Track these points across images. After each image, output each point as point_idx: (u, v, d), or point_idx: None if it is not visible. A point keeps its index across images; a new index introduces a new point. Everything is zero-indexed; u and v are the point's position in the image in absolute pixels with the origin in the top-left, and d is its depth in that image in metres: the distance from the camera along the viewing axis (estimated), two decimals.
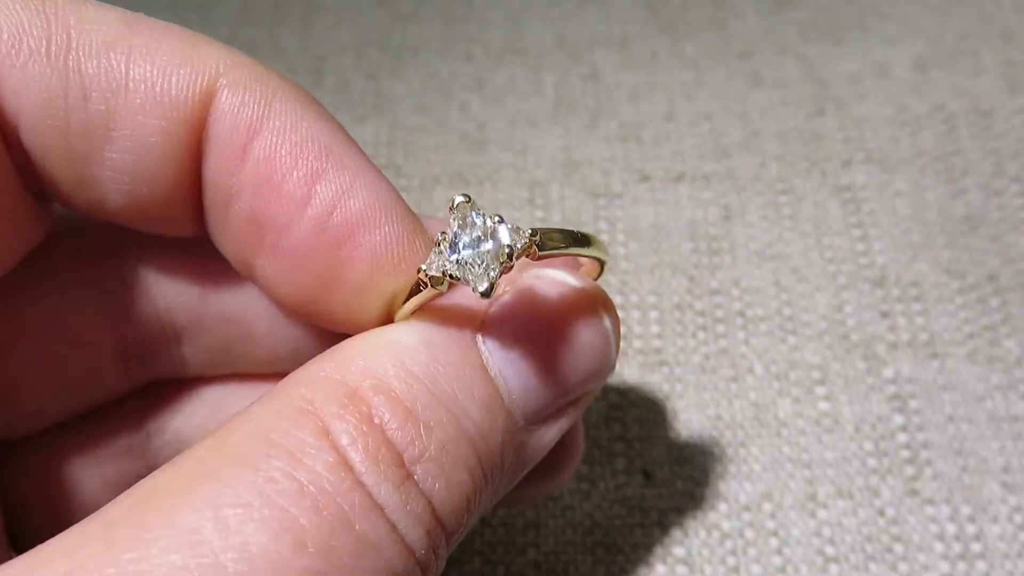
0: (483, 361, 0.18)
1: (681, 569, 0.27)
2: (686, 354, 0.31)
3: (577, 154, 0.36)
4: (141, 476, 0.22)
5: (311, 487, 0.15)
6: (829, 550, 0.27)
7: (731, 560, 0.27)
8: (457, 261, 0.16)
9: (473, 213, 0.16)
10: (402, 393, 0.16)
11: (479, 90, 0.38)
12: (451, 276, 0.16)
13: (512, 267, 0.16)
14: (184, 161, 0.17)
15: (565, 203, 0.35)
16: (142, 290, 0.21)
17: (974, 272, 0.32)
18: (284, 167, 0.17)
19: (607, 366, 0.20)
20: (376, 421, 0.16)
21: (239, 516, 0.14)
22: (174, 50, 0.17)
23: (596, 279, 0.20)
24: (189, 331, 0.21)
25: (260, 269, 0.19)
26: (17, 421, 0.20)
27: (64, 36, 0.16)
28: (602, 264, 0.20)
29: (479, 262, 0.16)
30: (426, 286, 0.17)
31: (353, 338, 0.18)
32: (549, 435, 0.19)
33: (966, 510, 0.28)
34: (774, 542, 0.27)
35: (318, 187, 0.17)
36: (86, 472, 0.22)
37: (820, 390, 0.30)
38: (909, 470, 0.28)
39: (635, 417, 0.30)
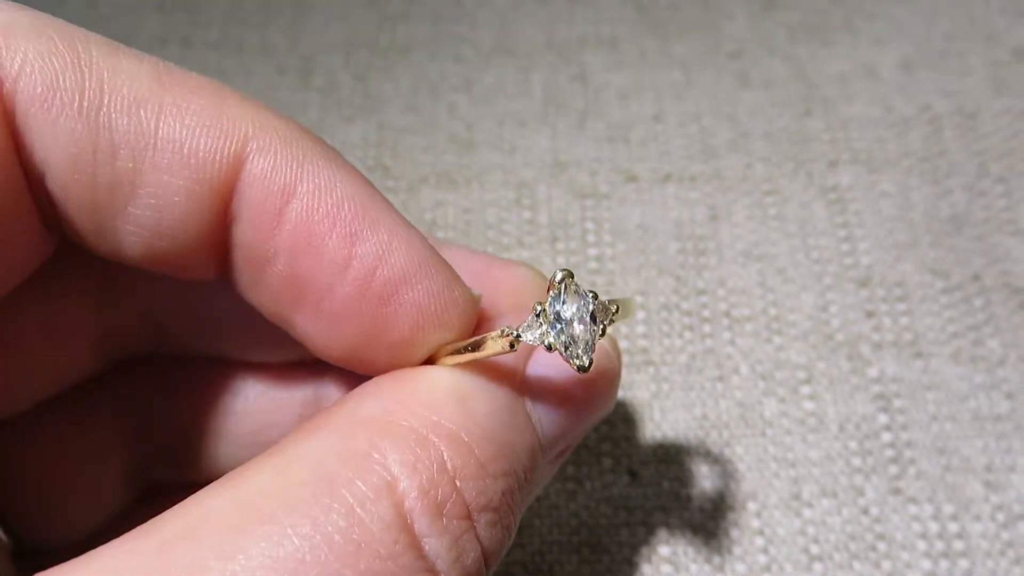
0: (527, 408, 0.19)
1: (667, 568, 0.27)
2: (672, 354, 0.31)
3: (565, 155, 0.36)
4: (125, 451, 0.22)
5: (366, 548, 0.15)
6: (814, 549, 0.27)
7: (716, 559, 0.27)
8: (558, 335, 0.17)
9: (574, 289, 0.18)
10: (473, 443, 0.17)
11: (468, 90, 0.39)
12: (548, 347, 0.17)
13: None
14: (208, 222, 0.17)
15: (552, 204, 0.35)
16: (123, 275, 0.21)
17: (958, 272, 0.33)
18: (322, 230, 0.17)
19: (612, 404, 0.21)
20: (449, 471, 0.16)
21: (293, 573, 0.14)
22: (204, 110, 0.17)
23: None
24: (167, 315, 0.21)
25: (300, 326, 0.19)
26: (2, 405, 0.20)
27: (97, 91, 0.16)
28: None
29: (583, 338, 0.17)
30: (486, 344, 0.18)
31: (409, 376, 0.18)
32: (555, 469, 0.21)
33: (949, 508, 0.28)
34: (759, 541, 0.28)
35: (358, 248, 0.17)
36: (70, 447, 0.22)
37: (805, 390, 0.30)
38: (893, 469, 0.29)
39: (621, 417, 0.30)
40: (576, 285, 0.18)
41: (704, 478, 0.29)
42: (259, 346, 0.22)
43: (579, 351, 0.17)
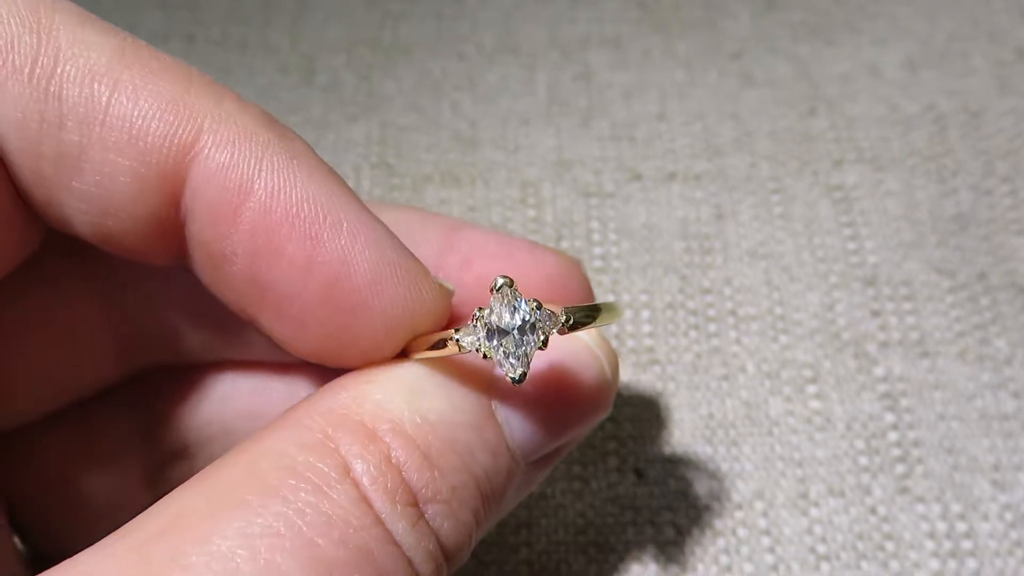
0: (492, 408, 0.19)
1: (673, 568, 0.27)
2: (678, 353, 0.31)
3: (569, 153, 0.36)
4: (145, 460, 0.22)
5: (338, 520, 0.15)
6: (821, 548, 0.27)
7: (723, 559, 0.27)
8: (494, 346, 0.17)
9: (513, 298, 0.17)
10: (418, 437, 0.17)
11: (471, 89, 0.38)
12: (485, 356, 0.17)
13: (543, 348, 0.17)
14: (157, 209, 0.17)
15: (557, 203, 0.35)
16: (137, 280, 0.20)
17: (964, 271, 0.32)
18: (281, 233, 0.17)
19: (604, 411, 0.21)
20: (394, 462, 0.17)
21: (270, 545, 0.15)
22: (161, 93, 0.16)
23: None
24: (184, 320, 0.21)
25: (264, 326, 0.19)
26: (12, 411, 0.20)
27: (51, 59, 0.16)
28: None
29: (514, 349, 0.17)
30: (448, 345, 0.18)
31: (370, 373, 0.18)
32: (542, 474, 0.21)
33: (956, 508, 0.28)
34: (766, 540, 0.27)
35: (319, 254, 0.17)
36: (89, 456, 0.22)
37: (811, 389, 0.30)
38: (900, 468, 0.28)
39: (627, 416, 0.30)
40: (515, 293, 0.17)
41: (710, 477, 0.29)
42: (272, 347, 0.22)
43: (513, 362, 0.17)
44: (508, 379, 0.17)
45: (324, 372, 0.23)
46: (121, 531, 0.15)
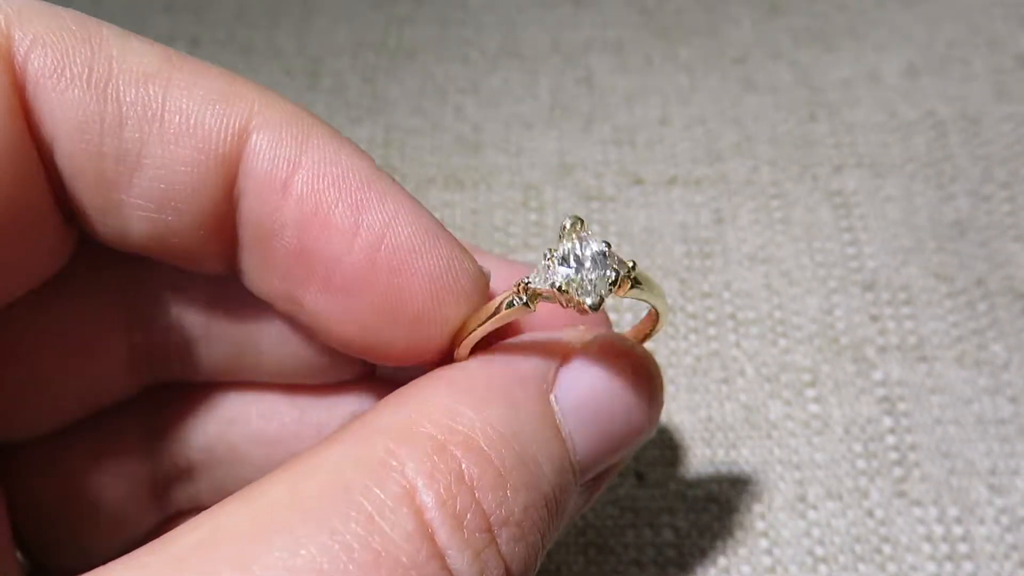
0: (557, 421, 0.18)
1: (672, 570, 0.27)
2: (678, 356, 0.31)
3: (571, 157, 0.36)
4: (150, 477, 0.22)
5: (387, 557, 0.14)
6: (819, 551, 0.27)
7: (722, 560, 0.27)
8: (567, 277, 0.16)
9: (586, 234, 0.17)
10: (492, 451, 0.16)
11: (474, 93, 0.39)
12: (560, 289, 0.17)
13: (611, 293, 0.17)
14: (214, 196, 0.18)
15: (559, 206, 0.35)
16: (155, 297, 0.21)
17: (962, 277, 0.33)
18: (329, 200, 0.17)
19: (652, 431, 0.20)
20: (468, 480, 0.15)
21: None
22: (211, 86, 0.17)
23: (647, 339, 0.21)
24: (199, 340, 0.21)
25: (311, 304, 0.18)
26: (25, 424, 0.20)
27: (106, 65, 0.17)
28: (654, 326, 0.21)
29: (588, 281, 0.17)
30: (511, 305, 0.17)
31: (427, 381, 0.18)
32: (589, 498, 0.20)
33: (953, 511, 0.28)
34: (764, 543, 0.28)
35: (364, 217, 0.17)
36: (96, 471, 0.22)
37: (810, 392, 0.30)
38: (897, 472, 0.29)
39: None
40: (588, 231, 0.17)
41: (710, 480, 0.29)
42: (294, 366, 0.22)
43: (588, 289, 0.16)
44: (583, 307, 0.16)
45: (359, 399, 0.23)
46: (156, 544, 0.15)
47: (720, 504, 0.28)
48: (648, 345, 0.31)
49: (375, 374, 0.23)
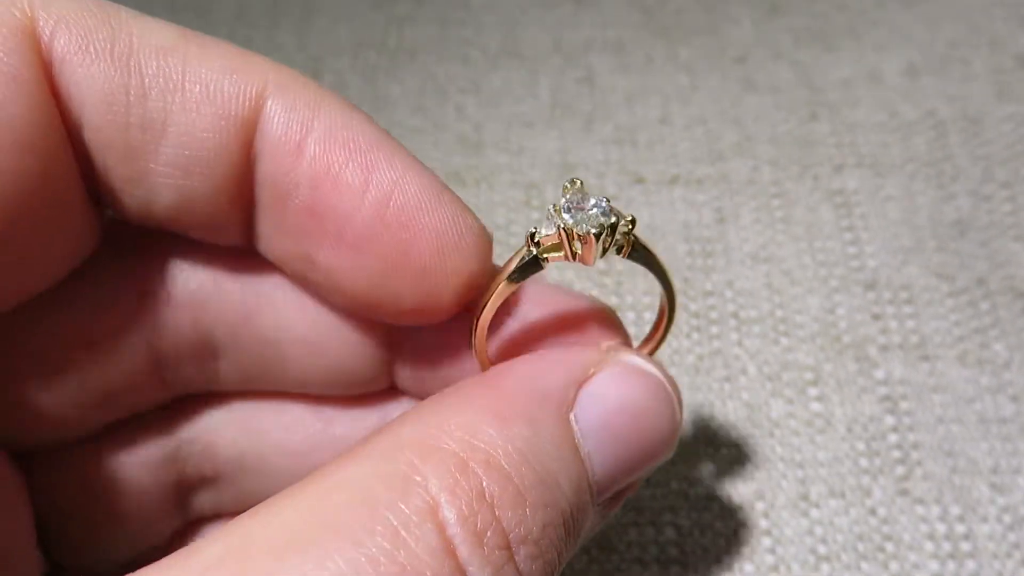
0: (576, 441, 0.18)
1: (675, 568, 0.27)
2: (680, 355, 0.31)
3: (572, 156, 0.36)
4: (174, 484, 0.22)
5: (412, 572, 0.14)
6: (821, 549, 0.27)
7: (725, 559, 0.27)
8: (571, 220, 0.18)
9: (586, 191, 0.18)
10: (512, 470, 0.16)
11: (475, 92, 0.39)
12: (564, 229, 0.18)
13: (611, 244, 0.18)
14: (234, 158, 0.18)
15: None
16: (184, 306, 0.21)
17: (964, 276, 0.33)
18: (340, 160, 0.18)
19: (670, 451, 0.20)
20: (488, 498, 0.16)
21: None
22: (226, 57, 0.18)
23: (654, 350, 0.22)
24: (225, 349, 0.21)
25: (323, 261, 0.19)
26: (50, 430, 0.20)
27: (127, 41, 0.18)
28: (665, 332, 0.21)
29: (590, 218, 0.18)
30: (523, 261, 0.18)
31: (449, 400, 0.18)
32: (609, 515, 0.20)
33: (956, 510, 0.28)
34: (767, 541, 0.28)
35: (374, 176, 0.18)
36: (121, 477, 0.22)
37: (812, 391, 0.30)
38: (900, 470, 0.29)
39: None
40: (584, 189, 0.18)
41: (712, 478, 0.29)
42: (320, 378, 0.22)
43: (591, 227, 0.18)
44: (590, 236, 0.17)
45: (363, 415, 0.23)
46: (181, 554, 0.15)
47: (722, 503, 0.28)
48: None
49: (398, 387, 0.23)
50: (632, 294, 0.33)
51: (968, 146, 0.36)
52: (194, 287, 0.21)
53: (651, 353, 0.22)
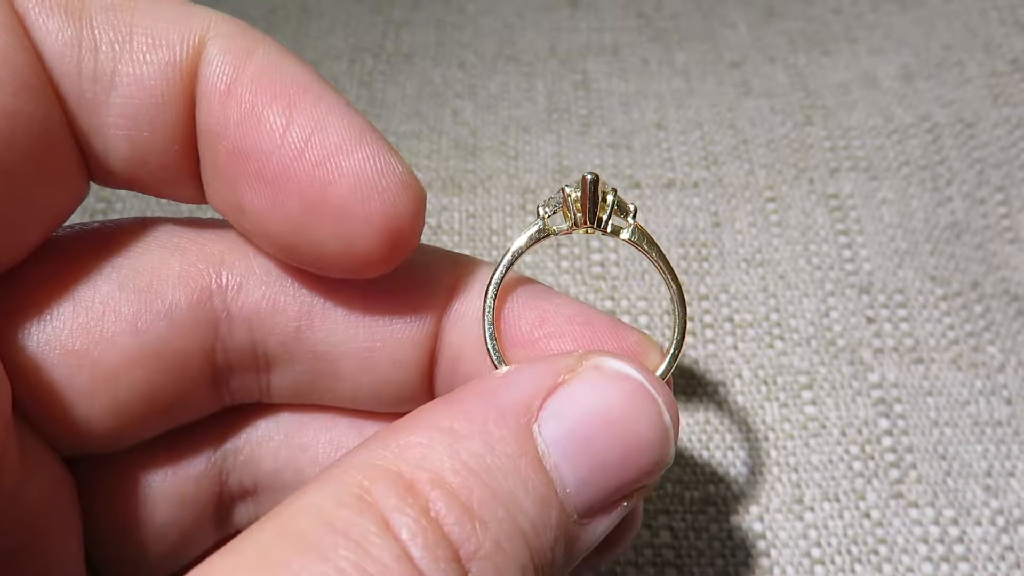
0: (540, 453, 0.18)
1: (671, 571, 0.27)
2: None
3: (569, 161, 0.37)
4: (217, 495, 0.22)
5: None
6: (815, 552, 0.28)
7: (719, 562, 0.27)
8: (574, 191, 0.20)
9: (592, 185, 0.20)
10: (458, 487, 0.16)
11: (472, 97, 0.39)
12: (570, 200, 0.20)
13: (589, 225, 0.20)
14: (180, 106, 0.19)
15: None
16: (241, 320, 0.21)
17: (958, 279, 0.33)
18: (263, 102, 0.19)
19: (664, 462, 0.19)
20: (433, 515, 0.16)
21: None
22: (171, 10, 0.19)
23: (664, 373, 0.21)
24: (279, 361, 0.21)
25: (248, 204, 0.19)
26: (105, 438, 0.21)
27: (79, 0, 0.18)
28: (677, 351, 0.21)
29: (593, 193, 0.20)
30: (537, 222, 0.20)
31: (407, 421, 0.18)
32: (601, 528, 0.19)
33: (949, 513, 0.28)
34: (762, 544, 0.28)
35: (296, 117, 0.19)
36: (163, 489, 0.22)
37: (807, 395, 0.30)
38: (894, 473, 0.29)
39: None
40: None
41: (707, 482, 0.29)
42: (368, 394, 0.22)
43: (595, 198, 0.20)
44: (593, 213, 0.19)
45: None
46: None
47: (717, 506, 0.28)
48: None
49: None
50: (627, 298, 0.33)
51: (963, 150, 0.36)
52: (251, 301, 0.21)
53: (673, 357, 0.21)
